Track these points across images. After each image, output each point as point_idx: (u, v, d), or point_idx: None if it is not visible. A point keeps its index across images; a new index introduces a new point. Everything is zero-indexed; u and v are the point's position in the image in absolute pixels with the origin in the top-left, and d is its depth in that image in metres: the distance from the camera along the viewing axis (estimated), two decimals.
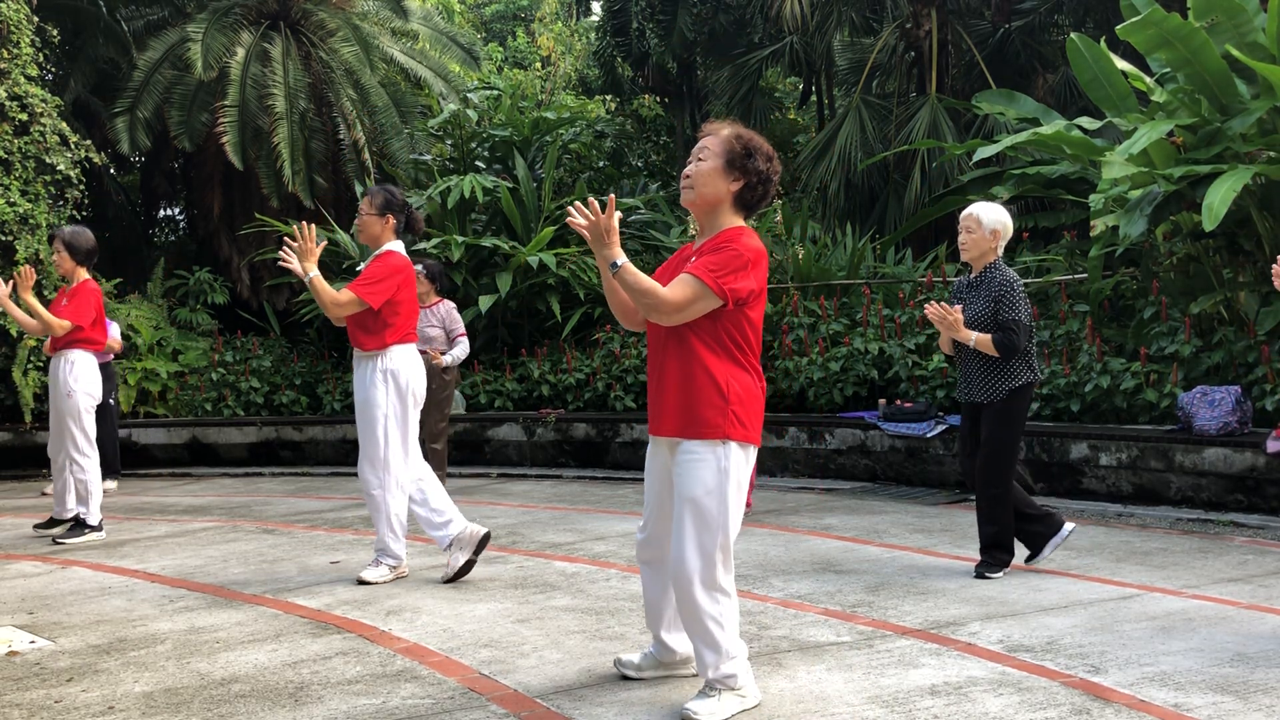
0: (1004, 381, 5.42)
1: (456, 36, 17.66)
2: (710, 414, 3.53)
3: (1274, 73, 7.49)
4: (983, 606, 4.85)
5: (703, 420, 3.54)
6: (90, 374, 7.31)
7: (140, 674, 4.20)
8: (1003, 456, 5.43)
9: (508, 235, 12.43)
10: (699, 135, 3.75)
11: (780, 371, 9.88)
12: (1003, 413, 5.43)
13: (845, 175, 13.91)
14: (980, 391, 5.48)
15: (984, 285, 5.49)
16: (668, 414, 3.61)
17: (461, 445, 10.98)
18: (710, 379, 3.54)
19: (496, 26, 29.50)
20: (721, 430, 3.53)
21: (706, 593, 3.54)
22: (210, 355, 12.69)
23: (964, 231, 5.52)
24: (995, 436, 5.43)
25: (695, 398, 3.55)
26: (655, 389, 3.70)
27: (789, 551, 6.17)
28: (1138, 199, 8.29)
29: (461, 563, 5.61)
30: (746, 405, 3.58)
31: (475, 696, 3.80)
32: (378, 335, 5.65)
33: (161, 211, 18.39)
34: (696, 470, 3.53)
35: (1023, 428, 5.62)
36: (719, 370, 3.55)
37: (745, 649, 3.66)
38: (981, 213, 5.50)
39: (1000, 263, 5.52)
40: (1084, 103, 12.86)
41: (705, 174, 3.61)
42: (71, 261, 7.30)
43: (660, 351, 3.67)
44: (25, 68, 11.25)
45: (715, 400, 3.54)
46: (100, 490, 7.38)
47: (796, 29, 15.56)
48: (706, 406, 3.54)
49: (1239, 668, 3.90)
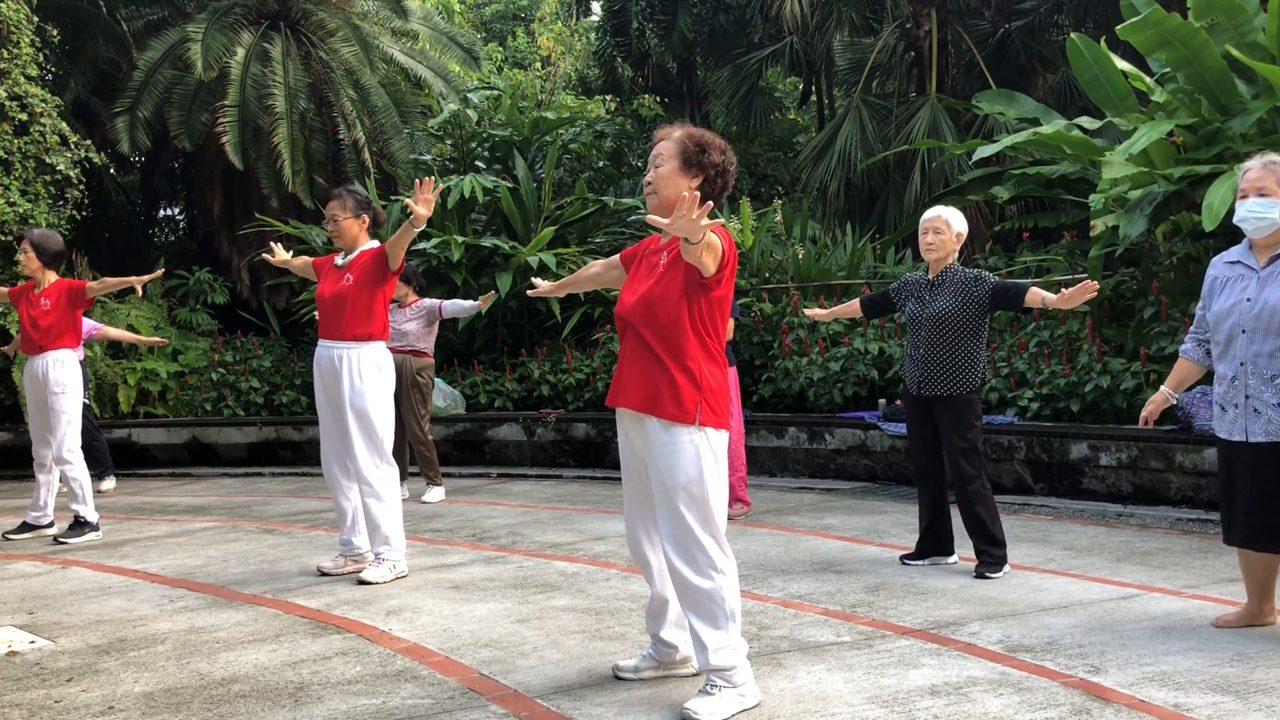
0: (970, 375, 5.54)
1: (456, 36, 17.67)
2: (684, 399, 3.62)
3: (1274, 73, 7.49)
4: (983, 606, 4.86)
5: (678, 403, 3.62)
6: (78, 372, 7.32)
7: (140, 674, 4.20)
8: (976, 452, 5.56)
9: (508, 235, 12.43)
10: (652, 143, 3.83)
11: (780, 371, 9.88)
12: (964, 409, 5.54)
13: (845, 175, 13.92)
14: (942, 385, 5.55)
15: (945, 284, 5.63)
16: (631, 387, 3.69)
17: (461, 445, 10.98)
18: (685, 366, 3.63)
19: (496, 26, 29.51)
20: (692, 416, 3.62)
21: (702, 573, 3.59)
22: (210, 355, 12.69)
23: (931, 233, 5.64)
24: (963, 435, 5.53)
25: (672, 381, 3.63)
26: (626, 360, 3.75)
27: (789, 551, 6.17)
28: (1138, 199, 8.29)
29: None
30: (718, 395, 3.69)
31: (475, 696, 3.80)
32: (370, 325, 5.76)
33: (161, 211, 18.40)
34: (677, 457, 3.60)
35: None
36: (694, 357, 3.64)
37: (746, 646, 3.67)
38: (950, 216, 5.67)
39: (955, 263, 5.70)
40: (1084, 103, 12.87)
41: (665, 177, 3.70)
42: (38, 262, 7.27)
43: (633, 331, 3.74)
44: (25, 68, 11.26)
45: (689, 388, 3.63)
46: (91, 487, 7.36)
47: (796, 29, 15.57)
48: (683, 390, 3.62)
49: (1239, 668, 3.90)
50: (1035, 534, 6.55)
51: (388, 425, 5.80)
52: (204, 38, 13.89)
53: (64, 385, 7.18)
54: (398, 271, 5.82)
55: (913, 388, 5.71)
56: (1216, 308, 4.31)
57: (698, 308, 3.65)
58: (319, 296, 5.87)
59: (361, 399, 5.69)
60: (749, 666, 3.65)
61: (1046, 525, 6.86)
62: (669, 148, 3.72)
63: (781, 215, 12.25)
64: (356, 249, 5.88)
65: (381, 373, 5.79)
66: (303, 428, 11.50)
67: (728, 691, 3.57)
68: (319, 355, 5.84)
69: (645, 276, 3.79)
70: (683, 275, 3.64)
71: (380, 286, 5.78)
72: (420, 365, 8.59)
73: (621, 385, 3.75)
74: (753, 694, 3.63)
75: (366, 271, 5.76)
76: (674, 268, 3.67)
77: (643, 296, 3.71)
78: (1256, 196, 4.20)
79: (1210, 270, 4.43)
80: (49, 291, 7.25)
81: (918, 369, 5.66)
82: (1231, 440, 4.27)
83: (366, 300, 5.74)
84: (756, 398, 10.20)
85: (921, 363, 5.64)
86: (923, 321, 5.65)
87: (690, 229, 3.35)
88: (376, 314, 5.79)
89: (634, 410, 3.70)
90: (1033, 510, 7.40)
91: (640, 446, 3.75)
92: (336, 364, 5.74)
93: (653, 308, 3.67)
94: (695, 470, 3.60)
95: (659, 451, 3.63)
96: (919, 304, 5.71)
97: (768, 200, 19.93)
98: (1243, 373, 4.20)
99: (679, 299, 3.63)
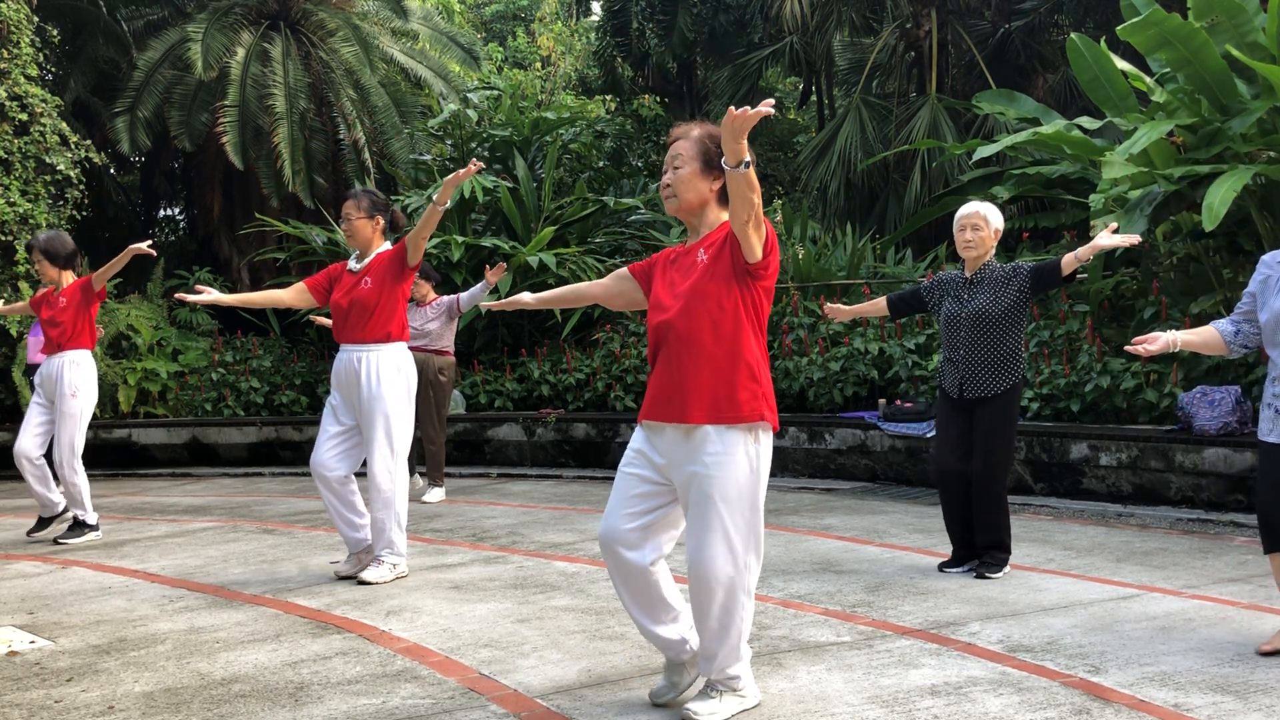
0: (1014, 370, 5.44)
1: (456, 36, 17.68)
2: (745, 397, 3.46)
3: (1274, 73, 7.49)
4: (983, 606, 4.85)
5: (739, 404, 3.45)
6: (93, 376, 7.31)
7: (140, 674, 4.20)
8: (1009, 454, 5.50)
9: (508, 235, 12.43)
10: (668, 140, 3.72)
11: (780, 371, 9.88)
12: (1006, 408, 5.43)
13: (845, 175, 13.92)
14: (986, 385, 5.44)
15: (985, 281, 5.49)
16: (693, 398, 3.46)
17: (461, 445, 10.98)
18: (743, 360, 3.48)
19: (496, 26, 29.52)
20: (758, 413, 3.46)
21: (736, 597, 3.46)
22: (210, 355, 12.69)
23: (970, 230, 5.48)
24: (1002, 434, 5.44)
25: (726, 381, 3.46)
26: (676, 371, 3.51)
27: (789, 551, 6.17)
28: (1138, 199, 8.29)
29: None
30: (770, 390, 3.55)
31: (475, 696, 3.80)
32: (390, 325, 5.71)
33: (161, 211, 18.42)
34: (728, 467, 3.41)
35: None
36: (751, 350, 3.50)
37: (750, 651, 3.65)
38: (988, 211, 5.51)
39: (993, 259, 5.56)
40: (1084, 103, 12.86)
41: (685, 180, 3.58)
42: (55, 269, 7.29)
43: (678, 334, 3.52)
44: (25, 68, 11.26)
45: (747, 383, 3.47)
46: (89, 490, 7.35)
47: (796, 29, 15.57)
48: (741, 390, 3.46)
49: (1239, 668, 3.90)
50: (1035, 534, 6.55)
51: (406, 430, 5.72)
52: (204, 38, 13.90)
53: (77, 388, 7.18)
54: (416, 266, 5.74)
55: (953, 390, 5.54)
56: (1276, 305, 4.05)
57: (750, 296, 3.51)
58: (334, 304, 5.75)
59: (382, 403, 5.61)
60: (750, 668, 3.64)
61: (1046, 525, 6.86)
62: (689, 148, 3.58)
63: (782, 215, 12.25)
64: (371, 252, 5.79)
65: (401, 374, 5.70)
66: (303, 428, 11.49)
67: (729, 694, 3.56)
68: (339, 360, 5.76)
69: (683, 277, 3.59)
70: (728, 264, 3.49)
71: (399, 285, 5.72)
72: (442, 364, 8.64)
73: (673, 397, 3.48)
74: (753, 694, 3.61)
75: (385, 272, 5.68)
76: (718, 260, 3.52)
77: (691, 290, 3.51)
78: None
79: (1261, 269, 4.20)
80: (66, 291, 7.29)
81: (959, 371, 5.50)
82: (1270, 442, 4.05)
83: (386, 302, 5.67)
84: None
85: (963, 364, 5.48)
86: (961, 321, 5.49)
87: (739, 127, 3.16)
88: (396, 314, 5.73)
89: (697, 424, 3.44)
90: (1033, 510, 7.40)
91: (679, 456, 3.49)
92: (356, 366, 5.67)
93: (705, 300, 3.48)
94: (748, 481, 3.43)
95: (710, 454, 3.41)
96: (956, 303, 5.54)
97: (768, 200, 19.93)
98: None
99: (730, 287, 3.47)
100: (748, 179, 3.28)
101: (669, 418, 3.50)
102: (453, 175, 5.42)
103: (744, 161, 3.24)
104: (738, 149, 3.23)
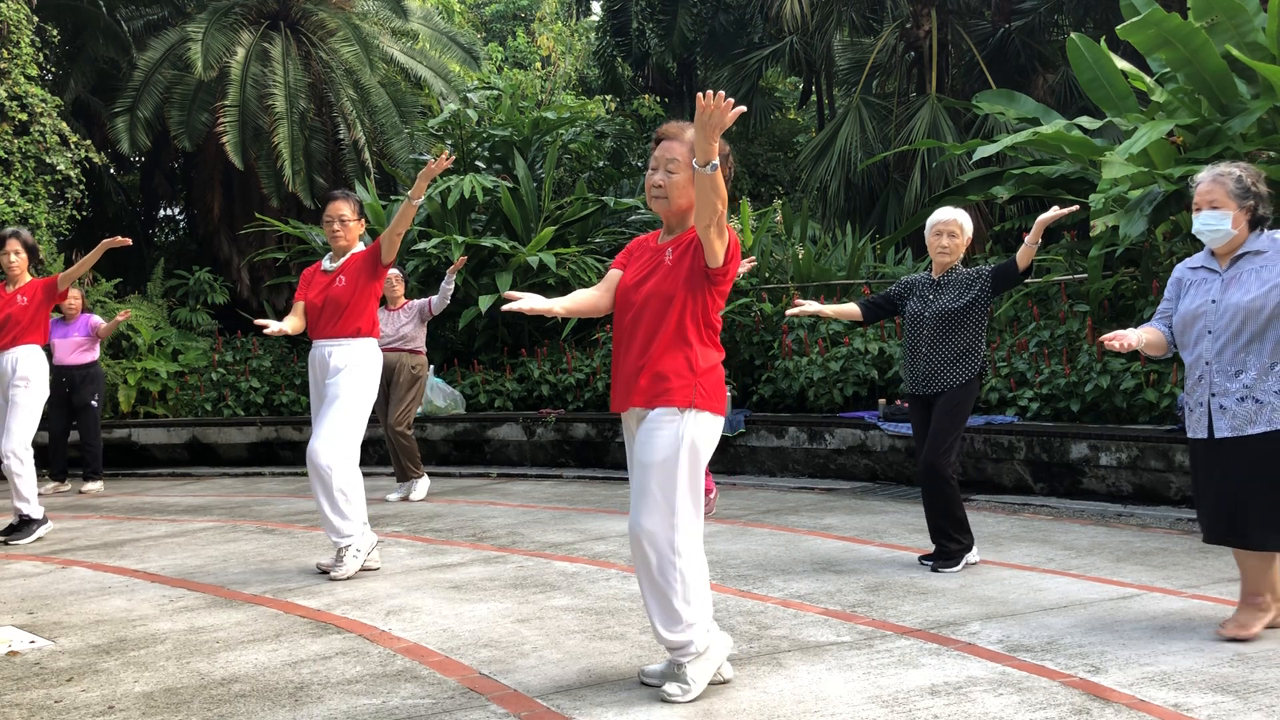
0: (966, 370, 5.56)
1: (456, 36, 17.67)
2: (678, 384, 3.64)
3: (1274, 73, 7.49)
4: (983, 606, 4.86)
5: (671, 390, 3.64)
6: (44, 367, 7.35)
7: (140, 674, 4.20)
8: (954, 444, 5.56)
9: (508, 235, 12.43)
10: (658, 135, 3.78)
11: (780, 371, 9.88)
12: (960, 400, 5.55)
13: (845, 175, 13.92)
14: (944, 379, 5.57)
15: (950, 284, 5.67)
16: (636, 386, 3.69)
17: (461, 445, 10.98)
18: (684, 354, 3.65)
19: (496, 26, 29.52)
20: (688, 399, 3.63)
21: (665, 555, 3.60)
22: (210, 355, 12.70)
23: (947, 236, 5.65)
24: (949, 423, 5.54)
25: (666, 370, 3.65)
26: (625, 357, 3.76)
27: (789, 551, 6.18)
28: (1138, 199, 8.29)
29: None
30: (713, 378, 3.70)
31: (475, 696, 3.80)
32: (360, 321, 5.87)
33: (161, 211, 18.42)
34: (655, 437, 3.62)
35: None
36: (694, 346, 3.67)
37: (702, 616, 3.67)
38: (963, 219, 5.70)
39: (959, 264, 5.74)
40: (1084, 103, 12.87)
41: (680, 185, 3.69)
42: (28, 261, 7.39)
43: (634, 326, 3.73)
44: (25, 68, 11.26)
45: (684, 372, 3.65)
46: (35, 484, 7.34)
47: (796, 29, 15.58)
48: (675, 377, 3.64)
49: (1239, 668, 3.90)
50: (1035, 534, 6.55)
51: (358, 418, 5.82)
52: (204, 38, 13.90)
53: (29, 379, 7.23)
54: (389, 265, 5.91)
55: (914, 387, 5.70)
56: (1183, 309, 4.41)
57: (702, 297, 3.67)
58: (309, 304, 5.93)
59: (340, 387, 5.76)
60: (708, 626, 3.69)
61: (1046, 525, 6.86)
62: (685, 154, 3.66)
63: (781, 215, 12.26)
64: (348, 252, 6.00)
65: (366, 368, 5.87)
66: (302, 428, 11.49)
67: (696, 661, 3.65)
68: (312, 355, 5.95)
69: (648, 272, 3.77)
70: (690, 266, 3.66)
71: (372, 282, 5.92)
72: (415, 362, 8.81)
73: (624, 387, 3.75)
74: (719, 644, 3.73)
75: (359, 271, 5.88)
76: (680, 262, 3.69)
77: (651, 288, 3.71)
78: (1209, 210, 4.33)
79: (1175, 273, 4.55)
80: (26, 289, 7.31)
81: (919, 366, 5.66)
82: (1197, 438, 4.37)
83: (359, 299, 5.87)
84: (756, 398, 10.20)
85: (924, 360, 5.64)
86: (925, 320, 5.66)
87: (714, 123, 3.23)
88: (367, 311, 5.91)
89: (635, 407, 3.71)
90: (1033, 510, 7.40)
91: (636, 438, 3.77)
92: (327, 359, 5.85)
93: (659, 299, 3.68)
94: (672, 447, 3.59)
95: (644, 428, 3.65)
96: (921, 303, 5.72)
97: (768, 200, 19.94)
98: (1208, 371, 4.30)
99: (686, 289, 3.65)
100: (714, 182, 3.39)
101: (619, 407, 3.78)
102: (425, 169, 5.55)
103: (711, 163, 3.33)
104: (709, 149, 3.33)
